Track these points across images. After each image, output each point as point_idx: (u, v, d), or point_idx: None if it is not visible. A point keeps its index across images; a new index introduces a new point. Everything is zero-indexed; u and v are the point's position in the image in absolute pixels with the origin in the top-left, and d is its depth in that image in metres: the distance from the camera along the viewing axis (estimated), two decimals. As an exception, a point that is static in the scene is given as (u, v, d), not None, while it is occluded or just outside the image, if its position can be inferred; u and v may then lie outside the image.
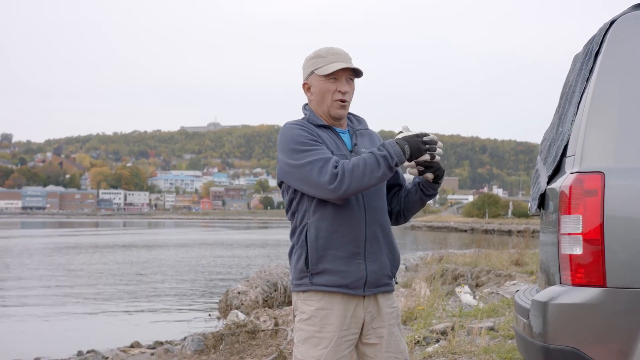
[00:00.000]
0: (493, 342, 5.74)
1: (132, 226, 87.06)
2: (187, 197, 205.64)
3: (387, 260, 2.75)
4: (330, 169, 2.54)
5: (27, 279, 21.24)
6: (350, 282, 2.64)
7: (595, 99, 2.83)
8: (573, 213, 2.72)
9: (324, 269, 2.64)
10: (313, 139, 2.64)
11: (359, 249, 2.66)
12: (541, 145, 3.68)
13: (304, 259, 2.66)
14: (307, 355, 2.66)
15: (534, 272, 11.87)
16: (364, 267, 2.67)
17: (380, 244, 2.72)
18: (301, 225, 2.69)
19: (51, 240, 45.61)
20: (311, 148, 2.60)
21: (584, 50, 3.19)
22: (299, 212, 2.70)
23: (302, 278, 2.68)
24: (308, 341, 2.66)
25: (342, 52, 2.75)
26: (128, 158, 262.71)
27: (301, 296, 2.70)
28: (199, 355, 6.64)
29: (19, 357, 10.09)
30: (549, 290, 2.83)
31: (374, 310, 2.72)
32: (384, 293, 2.75)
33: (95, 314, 14.52)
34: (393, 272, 2.79)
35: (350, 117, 2.88)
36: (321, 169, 2.54)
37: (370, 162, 2.54)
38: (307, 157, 2.58)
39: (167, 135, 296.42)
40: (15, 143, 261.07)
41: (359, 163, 2.54)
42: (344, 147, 2.73)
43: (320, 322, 2.65)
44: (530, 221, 51.93)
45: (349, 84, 2.74)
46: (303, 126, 2.69)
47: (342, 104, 2.73)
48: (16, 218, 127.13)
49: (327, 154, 2.59)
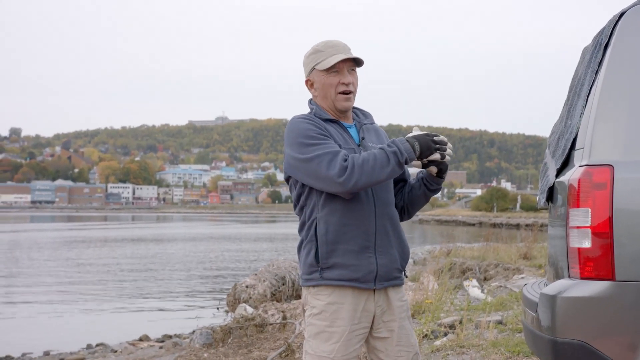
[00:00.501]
0: (501, 335, 5.73)
1: (141, 220, 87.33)
2: (195, 191, 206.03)
3: (397, 253, 2.74)
4: (340, 162, 2.52)
5: (36, 273, 21.35)
6: (361, 276, 2.64)
7: (605, 91, 2.81)
8: (582, 206, 2.71)
9: (335, 263, 2.63)
10: (321, 132, 2.62)
11: (369, 242, 2.65)
12: (550, 138, 3.66)
13: (313, 254, 2.65)
14: (318, 349, 2.65)
15: (542, 265, 11.84)
16: (375, 261, 2.66)
17: (390, 237, 2.71)
18: (310, 219, 2.68)
19: (60, 234, 45.80)
20: (319, 142, 2.58)
21: (593, 43, 3.17)
22: (308, 207, 2.69)
23: (312, 273, 2.67)
24: (319, 336, 2.66)
25: (340, 43, 2.73)
26: (136, 152, 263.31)
27: (311, 291, 2.69)
28: (207, 349, 6.66)
29: (29, 351, 10.16)
30: (557, 283, 2.82)
31: (384, 304, 2.72)
32: (394, 287, 2.74)
33: (104, 308, 14.58)
34: (403, 266, 2.78)
35: (357, 112, 2.86)
36: (330, 162, 2.53)
37: (381, 157, 2.53)
38: (315, 151, 2.56)
39: (175, 130, 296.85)
40: (24, 137, 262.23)
41: (369, 158, 2.53)
42: (352, 141, 2.72)
43: (331, 317, 2.64)
44: (539, 215, 51.81)
45: (352, 75, 2.72)
46: (311, 120, 2.67)
47: (346, 96, 2.71)
48: (25, 212, 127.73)
49: (335, 147, 2.58)
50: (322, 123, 2.69)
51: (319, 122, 2.68)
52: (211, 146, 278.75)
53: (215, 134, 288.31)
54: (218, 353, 6.38)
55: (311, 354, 2.67)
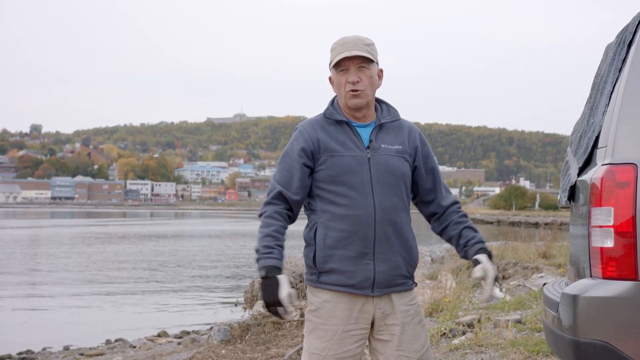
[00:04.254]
0: (520, 335, 5.69)
1: (159, 217, 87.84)
2: (213, 188, 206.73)
3: (402, 259, 2.66)
4: (268, 199, 2.69)
5: (56, 269, 21.55)
6: (357, 283, 2.60)
7: (628, 89, 2.77)
8: (604, 205, 2.68)
9: (331, 268, 2.61)
10: (294, 161, 2.67)
11: (368, 249, 2.61)
12: (572, 136, 3.62)
13: (312, 257, 2.64)
14: (311, 346, 2.64)
15: (561, 264, 11.75)
16: (372, 268, 2.61)
17: (392, 243, 2.64)
18: (312, 223, 2.68)
19: (80, 230, 46.18)
20: (284, 169, 2.70)
21: (616, 40, 3.13)
22: (311, 211, 2.71)
23: (311, 274, 2.68)
24: (313, 332, 2.65)
25: (351, 40, 2.65)
26: (155, 149, 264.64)
27: (311, 289, 2.70)
28: (225, 345, 6.68)
29: (49, 345, 10.26)
30: (579, 283, 2.79)
31: (386, 308, 2.66)
32: (399, 292, 2.68)
33: (123, 304, 14.69)
34: (410, 272, 2.70)
35: (382, 107, 2.78)
36: (269, 192, 2.71)
37: (260, 242, 2.59)
38: (275, 172, 2.73)
39: (193, 127, 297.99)
40: (44, 134, 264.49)
41: (261, 230, 2.61)
42: (360, 143, 2.66)
43: (326, 315, 2.63)
44: (558, 213, 51.39)
45: (362, 72, 2.65)
46: (303, 136, 2.69)
47: (354, 94, 2.64)
48: (45, 208, 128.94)
49: (279, 186, 2.67)
50: (316, 134, 2.67)
51: (313, 136, 2.67)
52: (229, 143, 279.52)
53: (233, 131, 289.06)
54: (236, 349, 6.40)
55: (305, 349, 2.67)
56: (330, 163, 2.63)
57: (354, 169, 2.62)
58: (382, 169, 2.65)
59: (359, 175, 2.62)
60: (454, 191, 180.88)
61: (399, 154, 2.70)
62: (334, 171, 2.63)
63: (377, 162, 2.65)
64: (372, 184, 2.63)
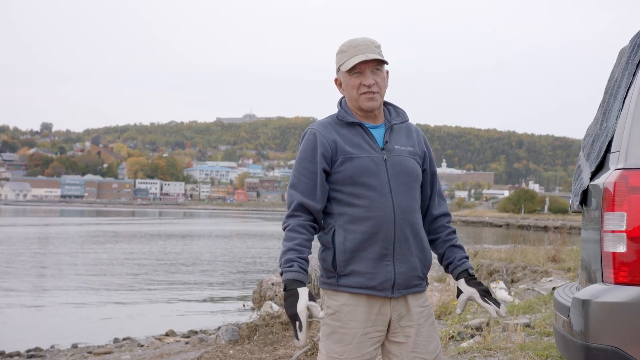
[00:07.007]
0: (529, 339, 5.67)
1: (168, 216, 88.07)
2: (222, 188, 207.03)
3: (418, 261, 2.68)
4: (289, 211, 2.63)
5: (64, 267, 21.64)
6: (378, 284, 2.60)
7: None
8: (617, 210, 2.66)
9: (352, 270, 2.61)
10: (315, 167, 2.62)
11: (388, 250, 2.61)
12: (584, 140, 3.60)
13: (331, 260, 2.63)
14: (330, 350, 2.63)
15: (570, 268, 11.69)
16: (392, 269, 2.61)
17: (411, 244, 2.65)
18: (329, 226, 2.66)
19: (89, 228, 46.36)
20: (303, 176, 2.63)
21: (630, 44, 3.11)
22: (325, 214, 2.68)
23: (329, 278, 2.67)
24: (332, 336, 2.64)
25: (363, 42, 2.65)
26: (164, 148, 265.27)
27: (328, 292, 2.69)
28: (233, 345, 6.69)
29: (57, 343, 10.30)
30: (590, 288, 2.78)
31: (402, 310, 2.67)
32: (414, 293, 2.69)
33: (131, 303, 14.73)
34: (424, 273, 2.72)
35: (390, 109, 2.79)
36: (289, 204, 2.65)
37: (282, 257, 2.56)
38: (293, 180, 2.65)
39: (203, 126, 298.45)
40: (55, 132, 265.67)
41: (285, 244, 2.58)
42: (375, 145, 2.66)
43: (344, 318, 2.62)
44: (567, 217, 51.21)
45: (376, 74, 2.65)
46: (317, 138, 2.64)
47: (369, 97, 2.64)
48: (55, 206, 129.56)
49: (299, 195, 2.61)
50: (332, 136, 2.64)
51: (328, 138, 2.64)
52: (238, 143, 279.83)
53: (243, 131, 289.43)
54: (244, 350, 6.40)
55: (324, 353, 2.66)
56: (349, 165, 2.62)
57: (372, 170, 2.62)
58: (398, 170, 2.65)
59: (377, 176, 2.62)
60: (463, 194, 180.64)
61: (411, 155, 2.71)
62: (353, 172, 2.61)
63: (393, 163, 2.65)
64: (390, 184, 2.63)
